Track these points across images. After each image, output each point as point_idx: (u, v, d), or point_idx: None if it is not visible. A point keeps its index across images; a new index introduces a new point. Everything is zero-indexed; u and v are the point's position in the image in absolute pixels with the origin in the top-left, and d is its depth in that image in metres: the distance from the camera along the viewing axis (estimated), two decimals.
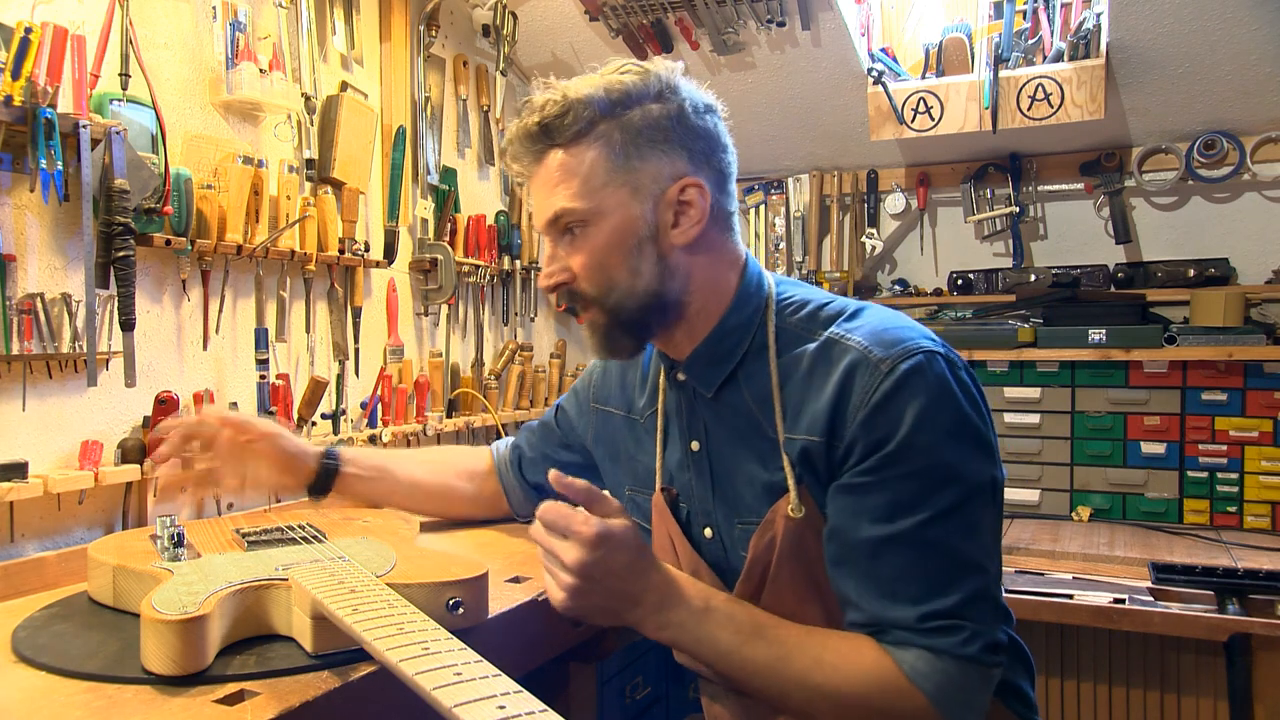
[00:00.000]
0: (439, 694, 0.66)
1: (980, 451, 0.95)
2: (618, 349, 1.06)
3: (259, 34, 1.74)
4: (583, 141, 1.00)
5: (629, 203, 1.00)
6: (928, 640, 0.90)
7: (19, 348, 1.35)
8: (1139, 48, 2.17)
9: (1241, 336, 2.14)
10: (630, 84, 1.00)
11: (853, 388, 0.95)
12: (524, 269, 2.52)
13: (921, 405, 0.92)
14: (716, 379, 1.05)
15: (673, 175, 1.00)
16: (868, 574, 0.94)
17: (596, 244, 1.00)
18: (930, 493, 0.92)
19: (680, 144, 1.01)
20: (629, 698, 1.50)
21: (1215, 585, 1.74)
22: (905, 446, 0.92)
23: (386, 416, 2.02)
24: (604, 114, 1.00)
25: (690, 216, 1.01)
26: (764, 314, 1.05)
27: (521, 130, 1.02)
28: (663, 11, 2.32)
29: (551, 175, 1.01)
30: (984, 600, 0.92)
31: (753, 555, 1.02)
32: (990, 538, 0.96)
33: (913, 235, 2.77)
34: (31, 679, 0.86)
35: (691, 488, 1.10)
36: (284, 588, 0.94)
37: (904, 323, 1.00)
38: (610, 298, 1.02)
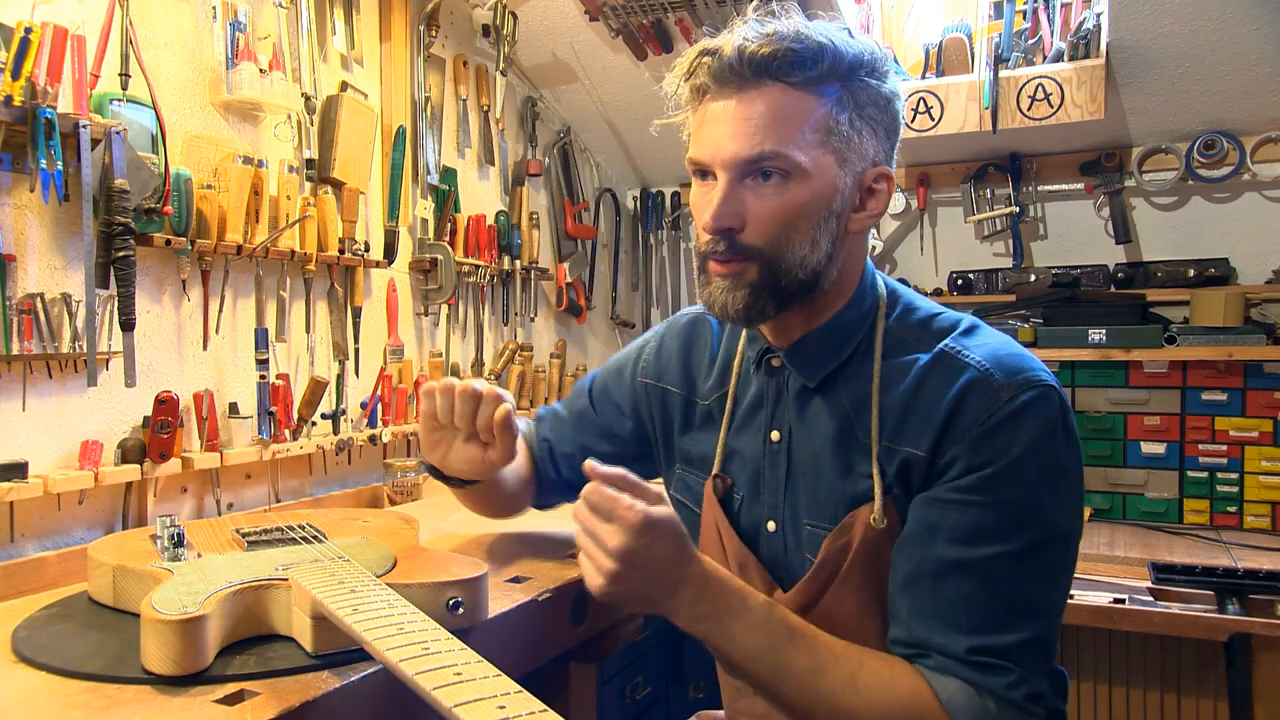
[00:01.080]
0: (439, 694, 0.66)
1: (1071, 502, 0.93)
2: (756, 313, 0.97)
3: (259, 34, 1.74)
4: (812, 90, 0.92)
5: (835, 171, 0.94)
6: (973, 674, 0.87)
7: (19, 348, 1.35)
8: (1139, 48, 2.17)
9: (1241, 336, 2.14)
10: (863, 50, 0.94)
11: (968, 407, 0.91)
12: (524, 269, 2.52)
13: (1032, 439, 0.89)
14: (821, 372, 1.01)
15: (875, 159, 0.97)
16: (928, 593, 0.91)
17: (792, 201, 0.93)
18: (1014, 527, 0.89)
19: (888, 131, 0.98)
20: (629, 698, 1.50)
21: (1215, 585, 1.74)
22: (1004, 475, 0.89)
23: (386, 416, 2.02)
24: (846, 72, 0.93)
25: (874, 206, 0.98)
26: (876, 315, 1.02)
27: (746, 51, 0.92)
28: (663, 11, 2.32)
29: (765, 111, 0.92)
30: (1040, 649, 0.89)
31: (823, 557, 0.98)
32: (1061, 589, 0.93)
33: (913, 235, 2.77)
34: (31, 679, 0.86)
35: (763, 478, 1.06)
36: (284, 588, 0.94)
37: (1021, 350, 0.96)
38: (782, 260, 0.94)
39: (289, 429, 1.77)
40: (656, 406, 1.21)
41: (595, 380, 1.32)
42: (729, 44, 0.93)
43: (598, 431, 1.29)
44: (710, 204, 0.95)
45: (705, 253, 0.97)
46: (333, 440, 1.87)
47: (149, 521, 1.55)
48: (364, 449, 2.05)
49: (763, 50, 0.91)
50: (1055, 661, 0.99)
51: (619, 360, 1.30)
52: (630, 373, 1.26)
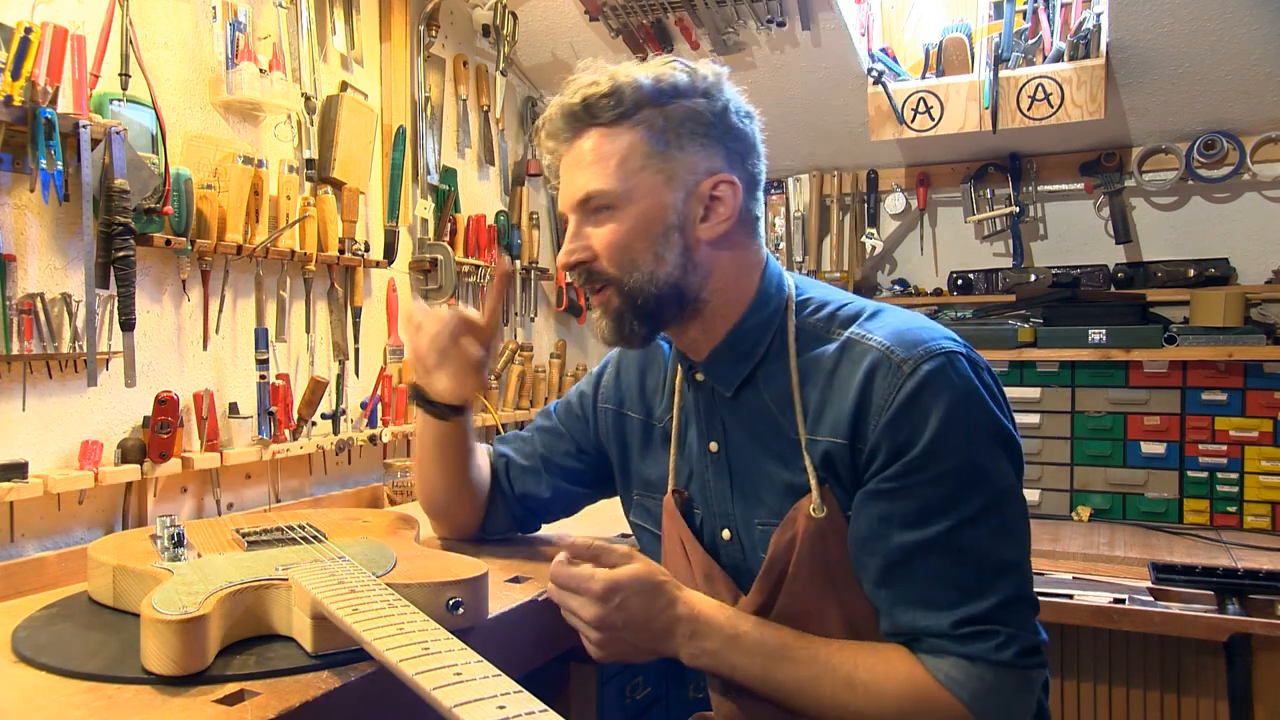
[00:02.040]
0: (439, 694, 0.65)
1: (1006, 453, 0.94)
2: (628, 335, 1.05)
3: (259, 34, 1.74)
4: (624, 123, 1.00)
5: (661, 190, 1.00)
6: (962, 648, 0.89)
7: (19, 348, 1.35)
8: (1139, 48, 2.17)
9: (1241, 336, 2.13)
10: (678, 78, 1.01)
11: (875, 388, 0.94)
12: (524, 269, 2.52)
13: (946, 407, 0.91)
14: (736, 378, 1.05)
15: (708, 170, 1.01)
16: (900, 582, 0.93)
17: (624, 226, 1.01)
18: (960, 496, 0.91)
19: (719, 141, 1.02)
20: (629, 698, 1.50)
21: (1215, 585, 1.73)
22: (931, 450, 0.91)
23: (386, 416, 2.02)
24: (650, 100, 1.00)
25: (719, 213, 1.02)
26: (784, 314, 1.05)
27: (563, 106, 1.03)
28: (663, 11, 2.32)
29: (586, 154, 1.02)
30: (1020, 602, 0.91)
31: (772, 554, 1.01)
32: (1023, 540, 0.95)
33: (913, 235, 2.77)
34: (31, 679, 0.86)
35: (710, 489, 1.09)
36: (284, 588, 0.94)
37: (925, 323, 0.99)
38: (630, 280, 1.01)
39: (289, 429, 1.77)
40: (615, 432, 1.25)
41: (559, 404, 1.36)
42: (553, 106, 1.04)
43: (563, 450, 1.32)
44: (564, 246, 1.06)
45: (579, 287, 1.08)
46: (333, 440, 1.87)
47: (149, 521, 1.55)
48: (364, 449, 2.05)
49: (573, 102, 1.02)
50: None
51: (579, 386, 1.33)
52: (592, 397, 1.30)
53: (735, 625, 0.97)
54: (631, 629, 0.95)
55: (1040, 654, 0.92)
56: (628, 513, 1.25)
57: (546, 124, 1.05)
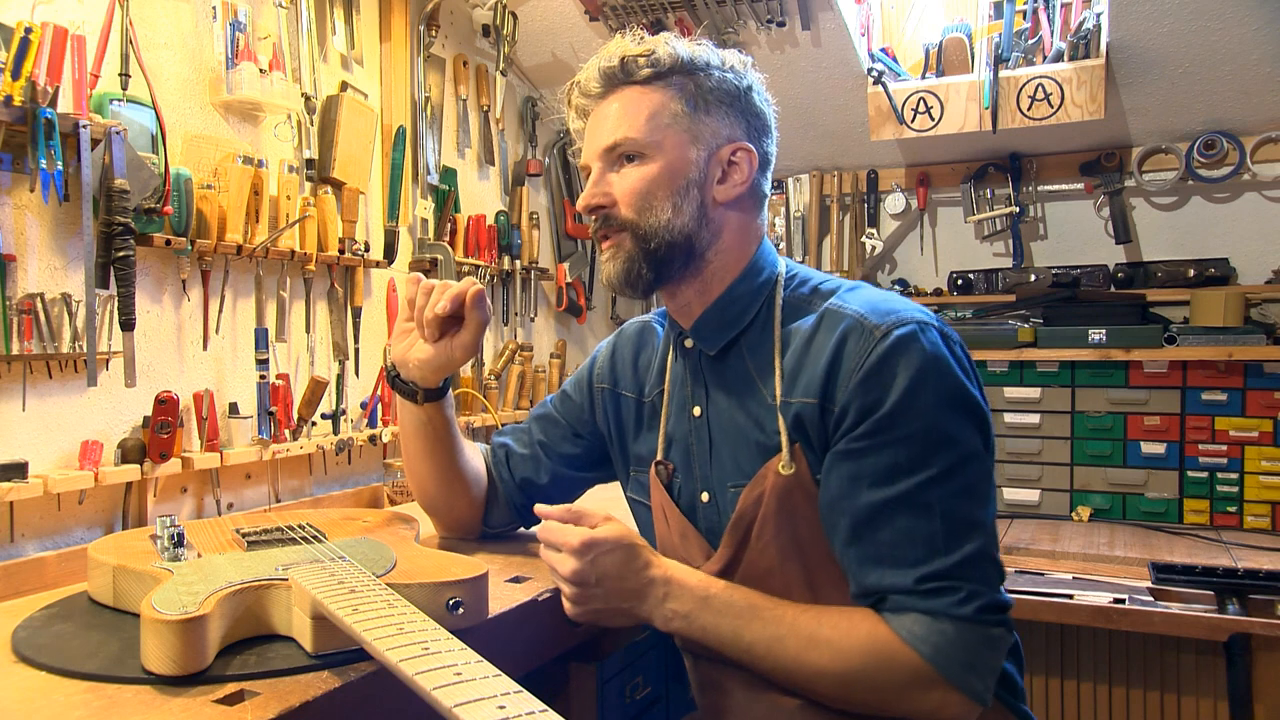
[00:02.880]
0: (439, 694, 0.65)
1: (972, 421, 0.97)
2: (634, 280, 1.08)
3: (259, 34, 1.74)
4: (657, 83, 1.07)
5: (686, 146, 1.06)
6: (925, 603, 0.91)
7: (19, 348, 1.35)
8: (1139, 48, 2.17)
9: (1241, 336, 2.14)
10: (709, 54, 1.09)
11: (846, 352, 0.98)
12: (524, 269, 2.52)
13: (914, 370, 0.94)
14: (721, 340, 1.09)
15: (729, 137, 1.08)
16: (867, 541, 0.95)
17: (647, 174, 1.06)
18: (927, 455, 0.93)
19: (742, 115, 1.09)
20: (629, 698, 1.50)
21: (1215, 585, 1.74)
22: (900, 410, 0.94)
23: (386, 416, 2.02)
24: (684, 66, 1.07)
25: (735, 177, 1.08)
26: (773, 287, 1.10)
27: (601, 64, 1.09)
28: (663, 11, 2.32)
29: (617, 108, 1.08)
30: (983, 560, 0.93)
31: (740, 509, 1.04)
32: (987, 501, 0.97)
33: (913, 235, 2.77)
34: (31, 679, 0.86)
35: (692, 453, 1.13)
36: (284, 588, 0.94)
37: (900, 299, 1.03)
38: (646, 225, 1.06)
39: (289, 429, 1.77)
40: (611, 411, 1.27)
41: (555, 394, 1.39)
42: (589, 65, 1.11)
43: (560, 435, 1.34)
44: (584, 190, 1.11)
45: (592, 233, 1.12)
46: (333, 440, 1.87)
47: (149, 521, 1.55)
48: (364, 449, 2.05)
49: (611, 61, 1.09)
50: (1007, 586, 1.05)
51: (579, 371, 1.36)
52: (587, 380, 1.32)
53: (706, 588, 1.00)
54: (605, 586, 1.00)
55: (1003, 614, 0.93)
56: (625, 489, 1.28)
57: (581, 83, 1.11)
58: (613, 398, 1.27)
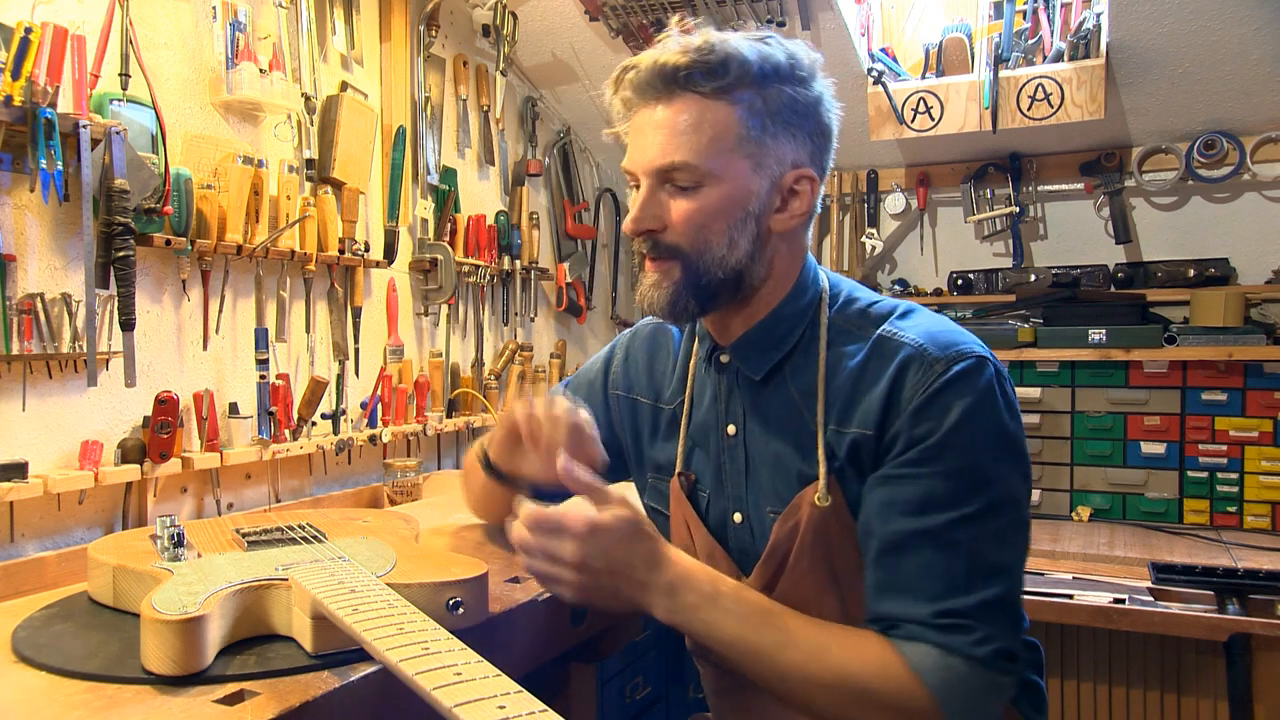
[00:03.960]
0: (439, 694, 0.65)
1: (1017, 466, 0.95)
2: (681, 311, 1.03)
3: (259, 34, 1.74)
4: (724, 98, 0.97)
5: (749, 175, 0.99)
6: (939, 637, 0.89)
7: (19, 348, 1.35)
8: (1139, 48, 2.17)
9: (1241, 336, 2.14)
10: (780, 59, 0.99)
11: (905, 382, 0.95)
12: (524, 269, 2.52)
13: (968, 407, 0.92)
14: (766, 364, 1.05)
15: (794, 162, 1.01)
16: (889, 568, 0.94)
17: (705, 205, 0.98)
18: (964, 493, 0.91)
19: (808, 134, 1.01)
20: (629, 698, 1.50)
21: (1215, 585, 1.73)
22: (947, 444, 0.92)
23: (386, 416, 2.02)
24: (753, 79, 0.97)
25: (795, 207, 1.02)
26: (817, 307, 1.05)
27: (660, 64, 0.97)
28: (663, 11, 2.32)
29: (676, 121, 0.97)
30: (1003, 608, 0.91)
31: (774, 540, 1.02)
32: (1018, 551, 0.95)
33: (913, 235, 2.77)
34: (31, 679, 0.86)
35: (725, 471, 1.10)
36: (284, 588, 0.94)
37: (955, 327, 1.00)
38: (700, 259, 1.00)
39: (289, 429, 1.77)
40: (628, 418, 1.24)
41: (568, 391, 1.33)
42: (647, 58, 0.99)
43: None
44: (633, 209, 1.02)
45: (640, 253, 1.04)
46: (333, 440, 1.87)
47: (149, 521, 1.55)
48: (364, 449, 2.05)
49: (674, 62, 0.97)
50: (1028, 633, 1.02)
51: (588, 373, 1.32)
52: (601, 385, 1.29)
53: (716, 584, 0.96)
54: (611, 572, 0.93)
55: (1015, 663, 0.91)
56: (641, 496, 1.25)
57: (633, 74, 1.00)
58: (629, 405, 1.24)
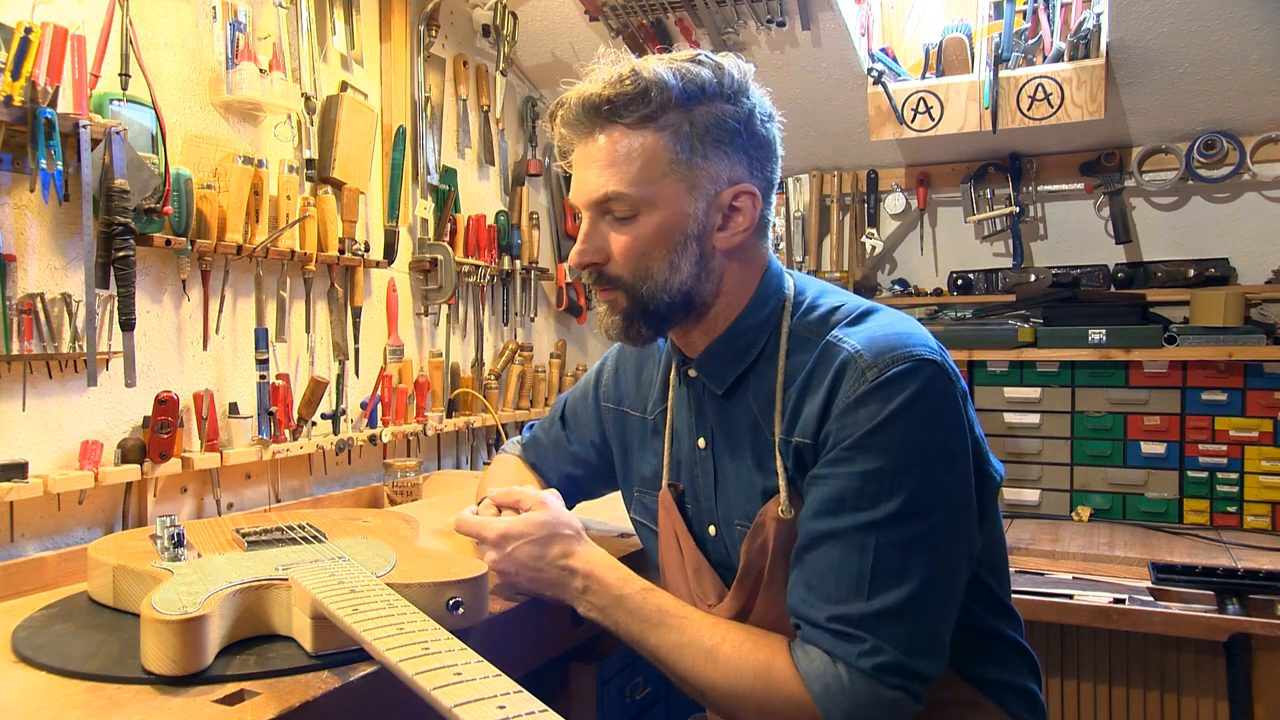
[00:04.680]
0: (439, 694, 0.66)
1: (944, 472, 0.92)
2: (634, 336, 1.04)
3: (259, 34, 1.74)
4: (649, 126, 0.97)
5: (683, 198, 0.98)
6: (830, 642, 0.89)
7: (19, 348, 1.35)
8: (1139, 48, 2.17)
9: (1241, 336, 2.13)
10: (706, 78, 0.98)
11: (838, 389, 0.94)
12: (524, 269, 2.52)
13: (892, 410, 0.90)
14: (728, 378, 1.05)
15: (730, 179, 0.99)
16: (801, 566, 0.94)
17: (642, 233, 0.99)
18: (877, 497, 0.90)
19: (742, 149, 1.00)
20: (629, 698, 1.50)
21: (1215, 585, 1.73)
22: (863, 445, 0.91)
23: (386, 416, 2.02)
24: (676, 102, 0.97)
25: (738, 223, 1.01)
26: (779, 316, 1.04)
27: (585, 99, 0.98)
28: (663, 11, 2.32)
29: (606, 152, 0.98)
30: (902, 620, 0.88)
31: (746, 559, 1.02)
32: (939, 558, 0.91)
33: (913, 235, 2.77)
34: (31, 679, 0.86)
35: (698, 485, 1.10)
36: (284, 588, 0.94)
37: (904, 329, 0.97)
38: (644, 287, 1.00)
39: (289, 429, 1.77)
40: (616, 430, 1.25)
41: (567, 404, 1.36)
42: (573, 94, 1.00)
43: (569, 457, 1.34)
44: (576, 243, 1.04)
45: (586, 283, 1.07)
46: (333, 440, 1.87)
47: (149, 521, 1.55)
48: (364, 449, 2.05)
49: (597, 96, 0.98)
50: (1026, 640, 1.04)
51: (585, 383, 1.34)
52: (594, 397, 1.30)
53: (622, 587, 1.01)
54: (525, 574, 1.05)
55: (906, 679, 0.87)
56: (629, 509, 1.25)
57: (564, 111, 1.01)
58: (618, 417, 1.25)
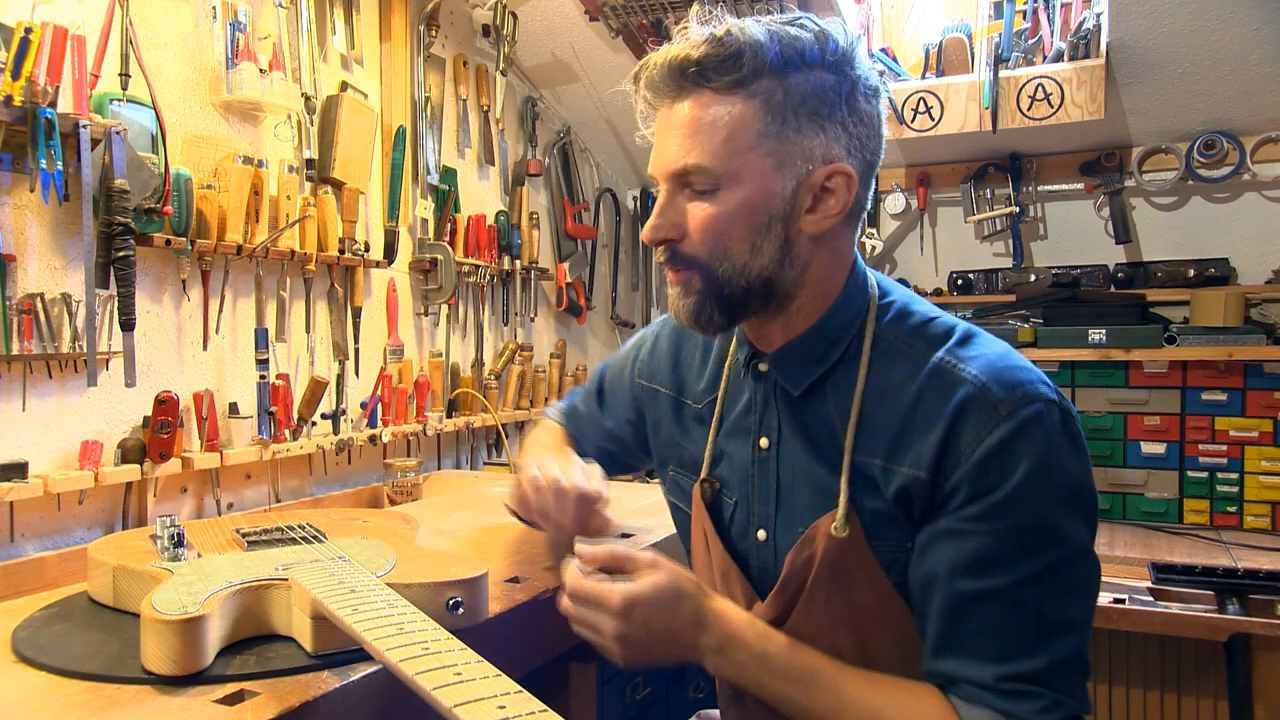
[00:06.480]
0: (439, 694, 0.66)
1: (1085, 516, 0.89)
2: (706, 323, 0.96)
3: (259, 34, 1.74)
4: (739, 92, 0.89)
5: (770, 175, 0.90)
6: (1004, 703, 0.84)
7: (19, 348, 1.35)
8: (1139, 48, 2.17)
9: (1241, 336, 2.14)
10: (806, 43, 0.90)
11: (965, 426, 0.87)
12: (524, 269, 2.52)
13: (1037, 458, 0.85)
14: (807, 379, 0.98)
15: (824, 157, 0.91)
16: (951, 625, 0.88)
17: (722, 210, 0.91)
18: (1031, 551, 0.85)
19: (841, 125, 0.91)
20: (629, 698, 1.50)
21: (1215, 585, 1.74)
22: (1013, 499, 0.85)
23: (386, 416, 2.02)
24: (772, 68, 0.89)
25: (829, 206, 0.92)
26: (865, 319, 0.97)
27: (673, 59, 0.91)
28: (663, 11, 2.32)
29: (690, 120, 0.91)
30: (1073, 666, 0.86)
31: (789, 570, 0.96)
32: (1087, 602, 0.89)
33: (913, 235, 2.77)
34: (31, 679, 0.86)
35: (751, 485, 1.04)
36: (284, 588, 0.94)
37: (1021, 361, 0.91)
38: (720, 268, 0.93)
39: (289, 429, 1.77)
40: (649, 407, 1.22)
41: (605, 376, 1.32)
42: (661, 54, 0.93)
43: (604, 433, 1.30)
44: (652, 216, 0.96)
45: (659, 261, 0.98)
46: (333, 440, 1.87)
47: (149, 521, 1.55)
48: (364, 449, 2.05)
49: (686, 56, 0.90)
50: None
51: (622, 357, 1.29)
52: (629, 373, 1.26)
53: (764, 645, 0.91)
54: (655, 642, 0.90)
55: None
56: (663, 486, 1.21)
57: (649, 71, 0.93)
58: (650, 394, 1.20)
